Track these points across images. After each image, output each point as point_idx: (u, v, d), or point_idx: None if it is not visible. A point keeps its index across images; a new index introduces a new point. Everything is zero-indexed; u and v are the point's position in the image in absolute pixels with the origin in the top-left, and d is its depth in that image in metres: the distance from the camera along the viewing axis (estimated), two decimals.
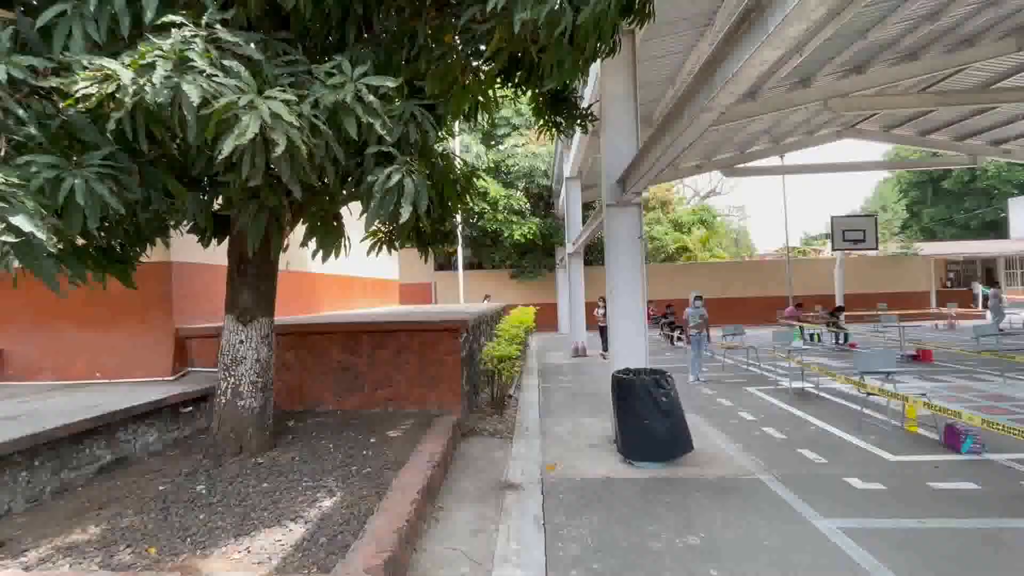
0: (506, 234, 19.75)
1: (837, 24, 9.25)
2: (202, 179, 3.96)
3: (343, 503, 3.51)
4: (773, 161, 17.88)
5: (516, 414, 6.92)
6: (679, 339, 14.59)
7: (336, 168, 3.33)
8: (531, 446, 5.43)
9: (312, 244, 4.14)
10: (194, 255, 6.18)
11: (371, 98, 3.05)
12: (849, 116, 15.15)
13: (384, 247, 5.17)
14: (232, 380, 4.52)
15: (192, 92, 2.50)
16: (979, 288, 17.38)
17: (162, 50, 2.57)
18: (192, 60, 2.58)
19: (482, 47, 4.00)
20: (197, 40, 2.65)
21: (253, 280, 4.62)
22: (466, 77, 4.06)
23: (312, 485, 3.83)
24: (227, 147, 2.52)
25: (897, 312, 15.73)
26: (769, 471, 4.54)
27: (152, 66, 2.52)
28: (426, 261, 5.86)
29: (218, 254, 5.03)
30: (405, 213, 3.10)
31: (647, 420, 4.71)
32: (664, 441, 4.72)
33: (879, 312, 15.98)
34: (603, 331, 11.87)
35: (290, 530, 3.14)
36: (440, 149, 5.33)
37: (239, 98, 2.60)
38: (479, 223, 20.10)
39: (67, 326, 6.05)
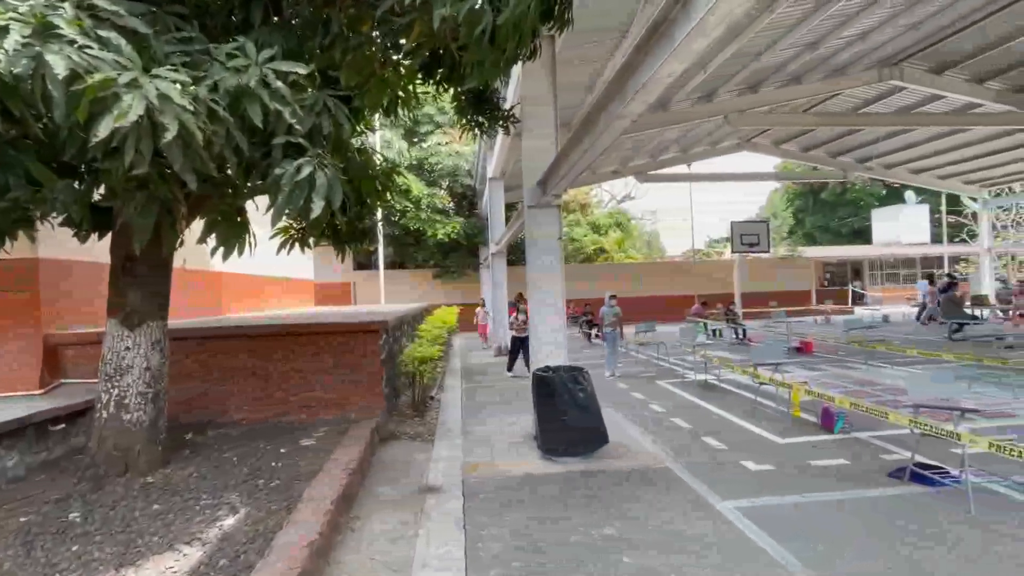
0: (429, 233, 19.45)
1: (736, 44, 10.07)
2: (78, 166, 3.50)
3: (248, 520, 3.26)
4: (682, 169, 19.18)
5: (438, 415, 6.83)
6: (596, 336, 15.18)
7: (239, 158, 3.09)
8: (453, 447, 5.39)
9: (212, 240, 3.80)
10: (71, 251, 5.44)
11: (279, 84, 2.86)
12: (746, 131, 16.66)
13: (296, 245, 4.87)
14: (116, 392, 4.04)
15: (58, 64, 2.19)
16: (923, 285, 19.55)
17: (18, 12, 2.22)
18: (58, 27, 2.25)
19: (402, 41, 3.90)
20: (65, 5, 2.32)
21: (143, 279, 4.15)
22: (385, 70, 3.93)
23: (212, 503, 3.51)
24: (104, 129, 2.24)
25: (786, 308, 17.52)
26: (677, 460, 4.85)
27: (5, 30, 2.18)
28: (343, 260, 5.61)
29: (102, 249, 4.46)
30: (317, 208, 2.93)
31: (566, 416, 4.85)
32: (582, 436, 4.89)
33: (771, 309, 17.70)
34: (516, 344, 9.78)
35: (184, 555, 2.85)
36: (358, 143, 5.13)
37: (119, 75, 2.32)
38: (401, 221, 19.62)
39: None
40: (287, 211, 3.06)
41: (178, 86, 2.55)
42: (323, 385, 6.00)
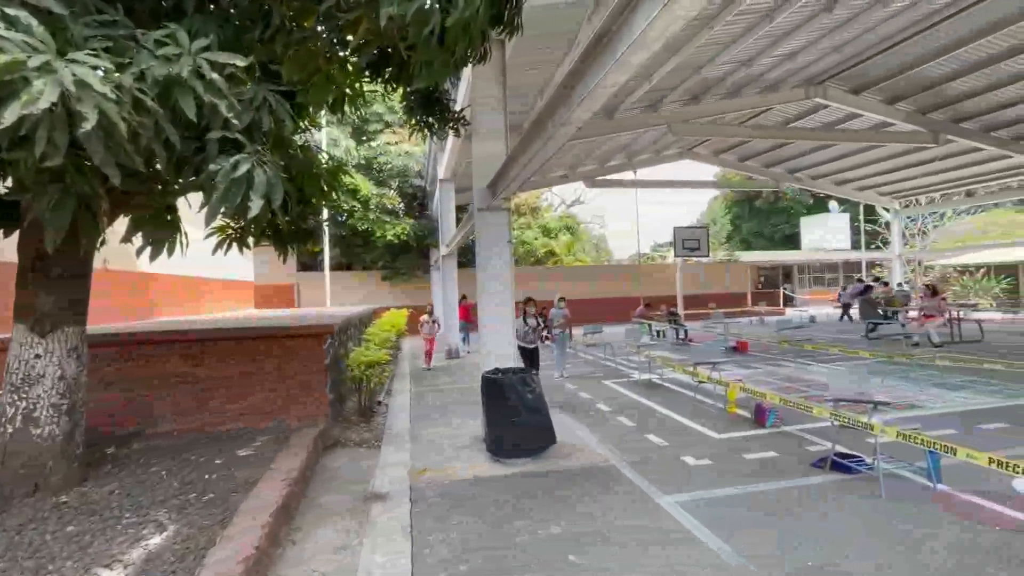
0: (378, 234, 19.02)
1: (678, 59, 10.45)
2: None
3: (177, 537, 3.06)
4: (628, 175, 19.81)
5: (385, 421, 6.69)
6: (546, 339, 15.38)
7: (169, 152, 2.91)
8: (400, 453, 5.29)
9: (138, 239, 3.55)
10: None
11: (214, 76, 2.71)
12: (688, 140, 17.46)
13: (233, 245, 4.64)
14: (24, 404, 3.68)
15: None
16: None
17: None
18: None
19: (349, 37, 3.81)
20: None
21: (57, 281, 3.81)
22: (330, 66, 3.83)
23: (136, 521, 3.28)
24: (10, 116, 2.05)
25: (724, 310, 18.46)
26: (622, 457, 5.00)
27: None
28: (284, 261, 5.39)
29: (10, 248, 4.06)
30: (255, 207, 2.81)
31: (514, 417, 4.88)
32: (530, 437, 4.94)
33: (710, 310, 18.58)
34: (525, 357, 8.06)
35: None
36: (301, 140, 4.95)
37: (29, 57, 2.12)
38: (348, 222, 19.08)
39: None
40: (223, 210, 2.90)
41: (99, 72, 2.37)
42: (263, 392, 5.73)
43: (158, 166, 3.06)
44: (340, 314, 9.23)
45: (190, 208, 3.86)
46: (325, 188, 4.61)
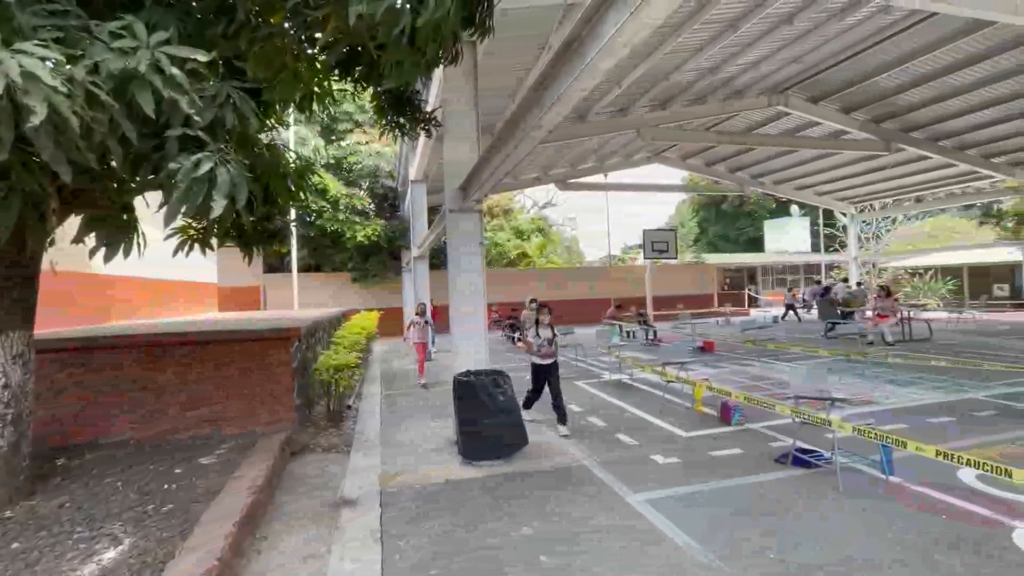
0: (348, 235, 18.68)
1: (646, 65, 10.68)
2: None
3: (133, 551, 2.93)
4: (599, 178, 20.09)
5: (355, 425, 6.58)
6: (519, 341, 15.40)
7: (126, 149, 2.79)
8: (370, 457, 5.21)
9: (91, 240, 3.39)
10: None
11: (174, 71, 2.62)
12: (657, 144, 17.82)
13: (196, 246, 4.48)
14: None
15: None
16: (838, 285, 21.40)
17: None
18: None
19: (318, 35, 3.74)
20: None
21: (1, 283, 3.60)
22: (298, 64, 3.74)
23: (88, 536, 3.12)
24: None
25: (691, 311, 18.90)
26: (592, 457, 5.06)
27: None
28: (250, 263, 5.24)
29: None
30: (218, 207, 2.72)
31: (486, 420, 4.88)
32: (502, 439, 4.94)
33: (678, 311, 18.99)
34: (541, 374, 6.10)
35: None
36: (267, 139, 4.83)
37: None
38: (317, 223, 18.68)
39: None
40: (183, 209, 2.80)
41: (49, 64, 2.26)
42: (226, 398, 5.55)
43: (113, 163, 2.94)
44: (308, 317, 9.02)
45: (148, 208, 3.71)
46: (292, 188, 4.51)
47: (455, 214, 5.89)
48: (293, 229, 15.63)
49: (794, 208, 33.55)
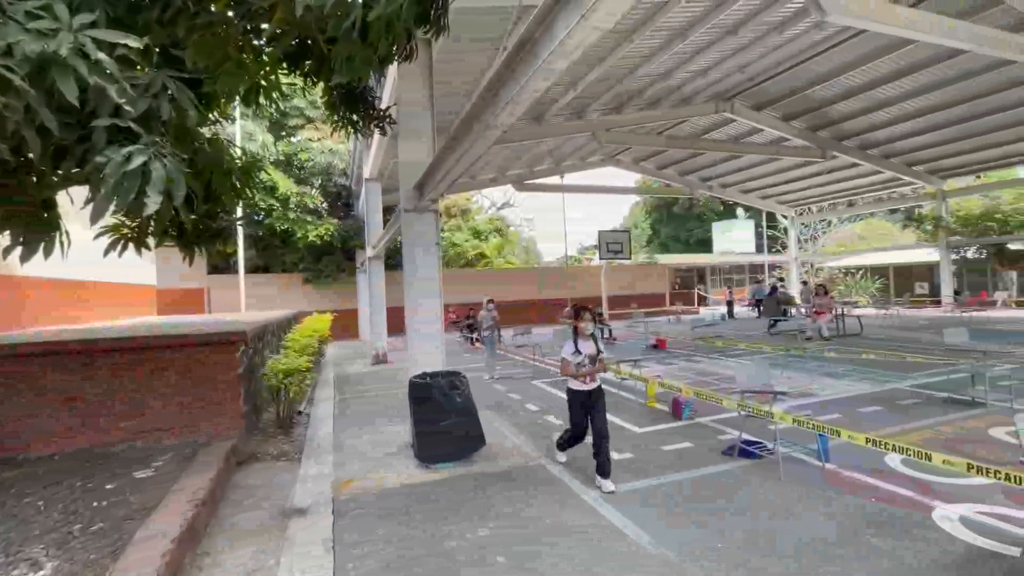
0: (299, 235, 18.05)
1: (601, 70, 10.87)
2: None
3: (57, 575, 2.71)
4: (555, 180, 20.32)
5: (307, 431, 6.35)
6: (476, 341, 15.37)
7: (46, 140, 2.57)
8: (322, 464, 5.05)
9: (6, 238, 3.11)
10: None
11: (101, 56, 2.43)
12: (611, 148, 18.23)
13: (130, 246, 4.18)
14: None
15: None
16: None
17: None
18: None
19: (264, 25, 3.58)
20: None
21: None
22: (243, 55, 3.57)
23: (4, 561, 2.86)
24: None
25: (644, 310, 19.42)
26: (550, 455, 5.10)
27: None
28: (191, 263, 4.95)
29: None
30: (153, 204, 2.55)
31: (442, 422, 4.82)
32: (458, 440, 4.90)
33: (632, 310, 19.49)
34: (581, 405, 4.34)
35: None
36: (209, 132, 4.58)
37: None
38: (266, 222, 17.93)
39: None
40: (113, 206, 2.61)
41: None
42: (165, 406, 5.24)
43: (31, 155, 2.70)
44: (256, 320, 8.64)
45: (73, 204, 3.44)
46: (238, 185, 4.30)
47: (411, 214, 5.79)
48: (240, 228, 14.95)
49: (740, 211, 35.22)
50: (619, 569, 3.04)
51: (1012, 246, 21.06)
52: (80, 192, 3.14)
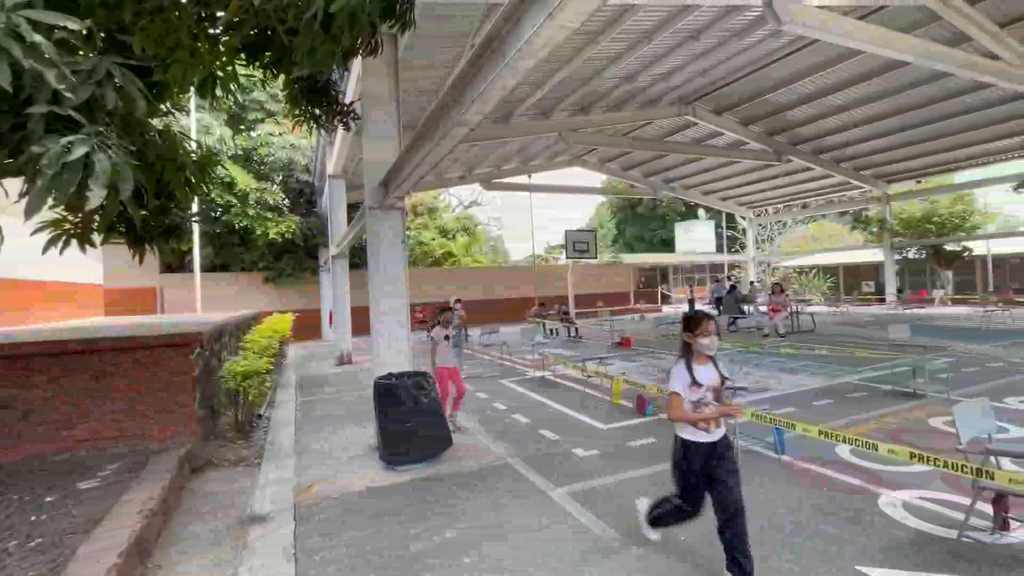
0: (259, 232, 17.42)
1: (568, 70, 10.94)
2: None
3: None
4: (523, 179, 20.39)
5: (267, 436, 6.15)
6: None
7: None
8: (283, 469, 4.89)
9: None
10: None
11: (38, 38, 2.27)
12: (577, 148, 18.43)
13: (72, 242, 3.93)
14: None
15: None
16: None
17: None
18: None
19: (220, 13, 3.42)
20: None
21: None
22: (197, 43, 3.41)
23: None
24: None
25: (610, 308, 19.75)
26: (516, 454, 5.11)
27: None
28: (141, 262, 4.70)
29: None
30: (96, 198, 2.40)
31: (408, 423, 4.76)
32: (426, 441, 4.84)
33: (598, 309, 19.79)
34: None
35: None
36: (161, 124, 4.35)
37: None
38: (224, 218, 17.23)
39: None
40: (51, 200, 2.44)
41: None
42: (112, 411, 4.96)
43: None
44: (213, 320, 8.30)
45: (7, 196, 3.20)
46: (193, 180, 4.11)
47: (376, 211, 5.68)
48: (195, 225, 14.31)
49: (701, 212, 36.21)
50: (586, 564, 3.07)
51: (948, 247, 22.52)
52: (15, 184, 2.92)
